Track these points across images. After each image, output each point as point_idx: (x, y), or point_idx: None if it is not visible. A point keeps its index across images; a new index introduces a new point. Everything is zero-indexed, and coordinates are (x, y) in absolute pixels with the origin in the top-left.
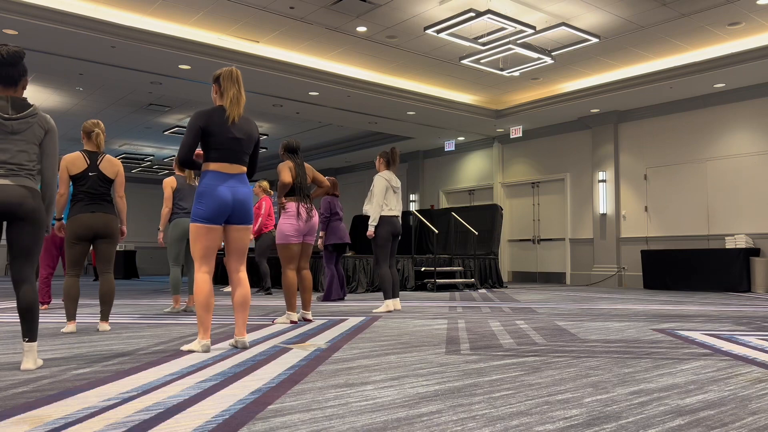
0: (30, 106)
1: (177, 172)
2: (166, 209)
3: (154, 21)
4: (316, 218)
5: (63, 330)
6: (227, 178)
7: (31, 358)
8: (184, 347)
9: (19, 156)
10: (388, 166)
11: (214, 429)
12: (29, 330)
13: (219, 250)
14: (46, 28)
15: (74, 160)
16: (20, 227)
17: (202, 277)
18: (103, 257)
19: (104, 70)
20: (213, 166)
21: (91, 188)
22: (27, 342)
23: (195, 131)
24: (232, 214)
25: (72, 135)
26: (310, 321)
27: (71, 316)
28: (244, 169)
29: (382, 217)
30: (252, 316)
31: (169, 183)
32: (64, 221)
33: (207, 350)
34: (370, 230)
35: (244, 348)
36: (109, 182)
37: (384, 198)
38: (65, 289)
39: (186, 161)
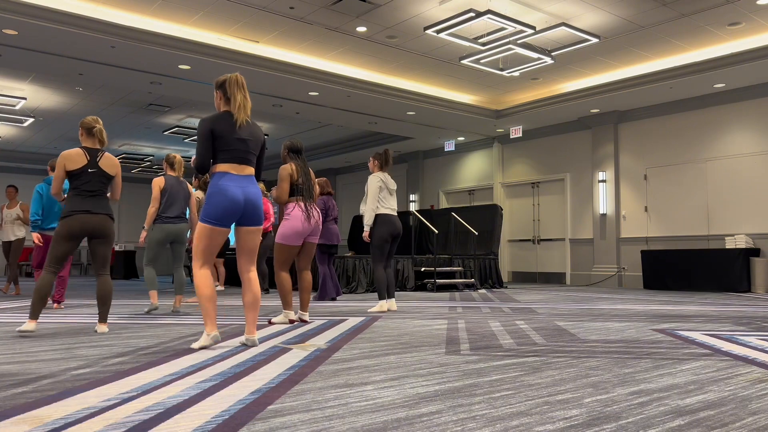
0: None
1: (168, 172)
2: (152, 209)
3: (153, 21)
4: (319, 219)
5: (19, 329)
6: (238, 179)
7: None
8: (195, 345)
9: None
10: (382, 167)
11: (214, 429)
12: None
13: (230, 251)
14: (46, 28)
15: (73, 156)
16: None
17: (204, 272)
18: (100, 258)
19: (104, 70)
20: (222, 167)
21: (90, 186)
22: None
23: (206, 135)
24: (244, 216)
25: (72, 135)
26: (306, 322)
27: (35, 315)
28: (253, 170)
29: (380, 216)
30: None
31: (158, 183)
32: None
33: (217, 341)
34: (366, 232)
35: (254, 346)
36: (109, 179)
37: (379, 198)
38: (39, 285)
39: (204, 167)
